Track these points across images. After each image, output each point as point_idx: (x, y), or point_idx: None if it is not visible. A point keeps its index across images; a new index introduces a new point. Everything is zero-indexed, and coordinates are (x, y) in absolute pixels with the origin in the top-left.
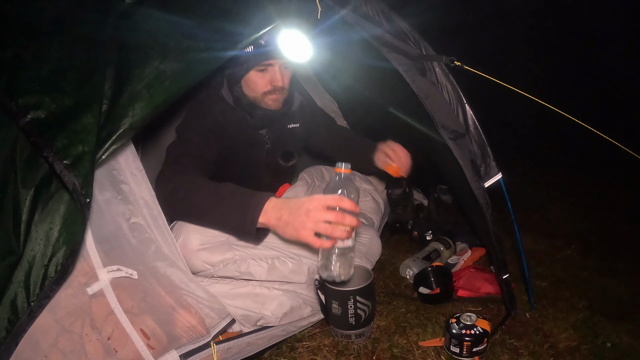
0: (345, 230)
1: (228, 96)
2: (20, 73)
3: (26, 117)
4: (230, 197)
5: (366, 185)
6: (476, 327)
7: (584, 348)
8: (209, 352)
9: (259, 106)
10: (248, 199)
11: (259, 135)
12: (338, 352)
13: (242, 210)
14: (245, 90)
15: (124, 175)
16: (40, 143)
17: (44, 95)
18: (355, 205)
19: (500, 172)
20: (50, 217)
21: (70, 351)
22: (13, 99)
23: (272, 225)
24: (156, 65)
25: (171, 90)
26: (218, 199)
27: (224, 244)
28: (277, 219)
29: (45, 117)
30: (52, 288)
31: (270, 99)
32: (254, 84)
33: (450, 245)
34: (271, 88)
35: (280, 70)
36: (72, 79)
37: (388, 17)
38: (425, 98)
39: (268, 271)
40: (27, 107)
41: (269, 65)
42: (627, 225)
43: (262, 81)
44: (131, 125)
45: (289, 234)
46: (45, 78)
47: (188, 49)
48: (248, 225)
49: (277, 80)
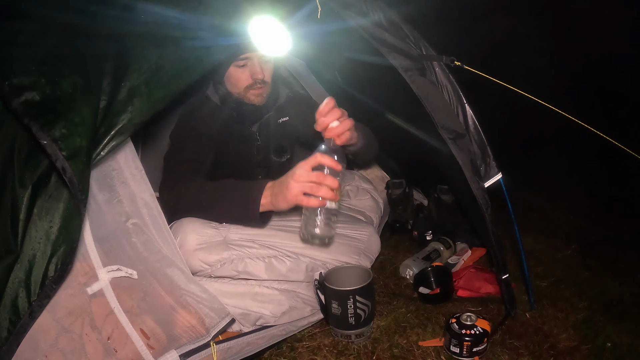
0: (329, 190)
1: (214, 96)
2: (14, 53)
3: (20, 98)
4: (232, 189)
5: (365, 184)
6: (476, 327)
7: (584, 348)
8: (209, 352)
9: (244, 102)
10: (248, 186)
11: (248, 132)
12: (338, 352)
13: (244, 198)
14: (229, 87)
15: (124, 175)
16: (36, 128)
17: (40, 76)
18: (337, 164)
19: (500, 172)
20: (50, 216)
21: (70, 351)
22: (6, 79)
23: (269, 202)
24: (155, 60)
25: (170, 87)
26: (221, 193)
27: (221, 243)
28: (272, 196)
29: (40, 99)
30: (52, 287)
31: (253, 93)
32: (235, 79)
33: (450, 245)
34: (252, 82)
35: (260, 63)
36: (69, 64)
37: (388, 17)
38: (425, 98)
39: (266, 270)
40: (21, 87)
41: (247, 59)
42: (627, 225)
43: (243, 76)
44: (130, 120)
45: (282, 203)
46: (41, 59)
47: (187, 46)
48: (252, 210)
49: (257, 74)
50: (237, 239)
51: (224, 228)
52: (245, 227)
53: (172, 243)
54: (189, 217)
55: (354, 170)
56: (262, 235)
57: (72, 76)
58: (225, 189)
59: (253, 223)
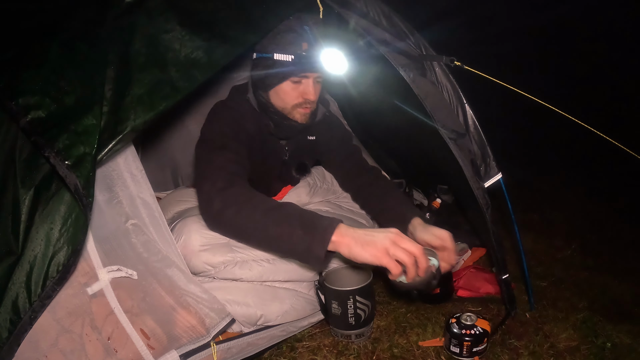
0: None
1: (253, 100)
2: (20, 73)
3: (27, 117)
4: (295, 217)
5: None
6: (476, 327)
7: (584, 348)
8: (209, 352)
9: (287, 117)
10: (317, 221)
11: (279, 146)
12: (338, 352)
13: (310, 232)
14: (274, 99)
15: (124, 175)
16: (41, 143)
17: (44, 95)
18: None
19: (500, 172)
20: (51, 218)
21: (70, 351)
22: (13, 99)
23: (345, 243)
24: (156, 72)
25: (172, 98)
26: (280, 219)
27: (225, 245)
28: (353, 239)
29: (45, 117)
30: (54, 288)
31: (299, 112)
32: (285, 94)
33: None
34: (302, 101)
35: (314, 83)
36: (73, 78)
37: (388, 17)
38: (425, 98)
39: (270, 271)
40: (28, 107)
41: (305, 77)
42: (626, 225)
43: (294, 93)
44: (133, 128)
45: (360, 252)
46: (46, 78)
47: (188, 57)
48: (317, 247)
49: (310, 94)
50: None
51: None
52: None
53: (172, 243)
54: (192, 217)
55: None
56: None
57: (75, 91)
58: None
59: (314, 260)
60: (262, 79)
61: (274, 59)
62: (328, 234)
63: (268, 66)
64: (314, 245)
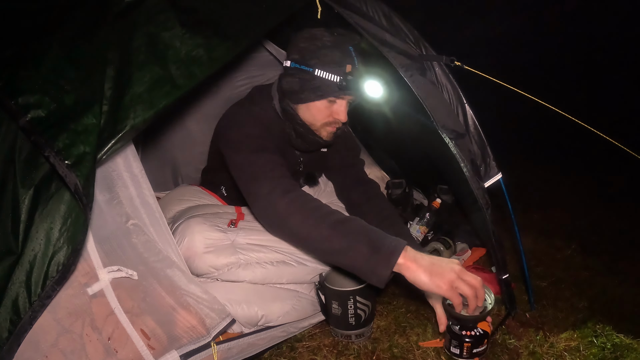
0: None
1: (278, 108)
2: (20, 72)
3: (26, 117)
4: (362, 233)
5: None
6: (476, 328)
7: (584, 348)
8: (210, 353)
9: (313, 132)
10: (383, 240)
11: (295, 156)
12: (338, 352)
13: (376, 252)
14: (302, 112)
15: (124, 175)
16: (41, 143)
17: (44, 94)
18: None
19: (500, 172)
20: (51, 217)
21: (70, 351)
22: (13, 98)
23: (412, 268)
24: (156, 69)
25: (172, 95)
26: (346, 233)
27: (229, 247)
28: (421, 266)
29: (45, 116)
30: (54, 288)
31: (327, 130)
32: (318, 111)
33: (450, 245)
34: (332, 120)
35: (346, 105)
36: (72, 77)
37: (388, 17)
38: (425, 98)
39: (273, 274)
40: (27, 106)
41: (341, 98)
42: (627, 225)
43: (327, 111)
44: (133, 127)
45: (425, 280)
46: (45, 77)
47: (188, 54)
48: (382, 268)
49: (342, 115)
50: (245, 244)
51: (232, 232)
52: (254, 233)
53: (172, 244)
54: (195, 219)
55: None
56: (272, 240)
57: (75, 90)
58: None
59: (377, 278)
60: (296, 91)
61: (314, 74)
62: (394, 257)
63: (306, 80)
64: (379, 266)
